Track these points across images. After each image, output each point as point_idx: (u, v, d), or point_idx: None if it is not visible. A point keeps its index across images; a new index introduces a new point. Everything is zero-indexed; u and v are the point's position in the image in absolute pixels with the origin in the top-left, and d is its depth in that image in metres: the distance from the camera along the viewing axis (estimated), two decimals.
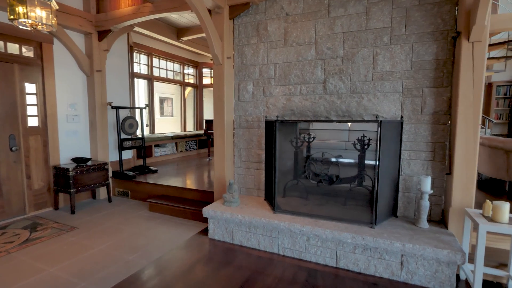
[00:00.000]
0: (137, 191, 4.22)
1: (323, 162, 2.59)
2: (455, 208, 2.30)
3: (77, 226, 3.22)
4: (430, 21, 2.40)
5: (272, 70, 3.07)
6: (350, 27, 2.69)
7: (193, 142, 7.19)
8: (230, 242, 2.82)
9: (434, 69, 2.43)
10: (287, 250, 2.57)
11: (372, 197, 2.37)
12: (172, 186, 3.92)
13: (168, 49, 6.80)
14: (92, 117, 4.18)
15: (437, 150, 2.48)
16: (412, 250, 2.06)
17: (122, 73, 4.80)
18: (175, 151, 6.58)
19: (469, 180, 2.24)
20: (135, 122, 4.68)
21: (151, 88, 6.47)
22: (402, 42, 2.51)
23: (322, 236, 2.35)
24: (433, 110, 2.46)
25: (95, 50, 4.07)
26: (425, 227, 2.37)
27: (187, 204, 3.54)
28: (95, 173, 3.87)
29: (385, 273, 2.21)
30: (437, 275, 2.06)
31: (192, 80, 8.06)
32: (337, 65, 2.77)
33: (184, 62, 7.50)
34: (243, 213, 2.71)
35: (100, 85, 4.17)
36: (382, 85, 2.61)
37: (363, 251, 2.27)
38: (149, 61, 6.39)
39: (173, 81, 7.36)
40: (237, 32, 3.23)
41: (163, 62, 7.00)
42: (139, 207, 3.91)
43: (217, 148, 3.28)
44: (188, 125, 8.23)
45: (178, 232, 3.06)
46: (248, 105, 3.24)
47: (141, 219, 3.44)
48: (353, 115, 2.74)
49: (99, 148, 4.22)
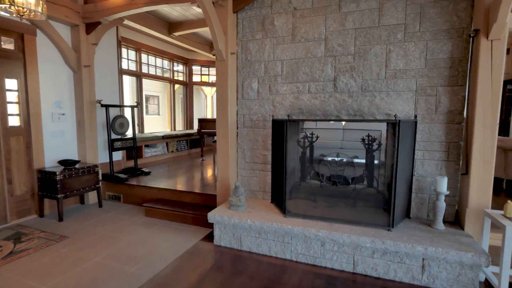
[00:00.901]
0: (130, 195, 3.96)
1: (338, 163, 2.49)
2: (471, 209, 2.26)
3: (67, 235, 2.95)
4: (446, 19, 2.35)
5: (279, 67, 2.94)
6: (362, 23, 2.60)
7: (184, 141, 6.93)
8: (238, 249, 2.67)
9: (449, 67, 2.38)
10: (300, 255, 2.45)
11: (389, 199, 2.29)
12: (168, 189, 3.70)
13: (157, 45, 6.51)
14: (80, 116, 3.87)
15: (451, 150, 2.44)
16: (435, 253, 2.00)
17: (111, 69, 4.50)
18: (166, 151, 6.31)
19: (487, 180, 2.21)
20: (126, 121, 4.40)
21: (139, 86, 6.17)
22: (416, 40, 2.45)
23: (339, 241, 2.25)
24: (448, 109, 2.41)
25: (82, 44, 3.77)
26: (441, 229, 2.32)
27: (186, 208, 3.35)
28: (85, 176, 3.59)
29: (405, 278, 2.15)
30: (460, 278, 2.01)
31: (182, 78, 7.78)
32: (348, 63, 2.68)
33: (173, 58, 7.21)
34: (253, 218, 2.57)
35: (88, 81, 3.87)
36: (395, 83, 2.54)
37: (382, 255, 2.19)
38: (137, 57, 6.08)
39: (163, 78, 7.06)
40: (241, 26, 3.07)
41: (152, 58, 6.69)
42: (133, 212, 3.66)
43: (220, 149, 3.11)
44: (177, 124, 7.96)
45: (180, 239, 2.87)
46: (252, 103, 3.09)
47: (137, 226, 3.21)
48: (365, 114, 2.66)
49: (88, 149, 3.92)
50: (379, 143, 2.79)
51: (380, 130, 3.54)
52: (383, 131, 3.04)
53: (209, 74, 8.34)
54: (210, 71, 8.34)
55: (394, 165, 2.25)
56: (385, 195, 2.66)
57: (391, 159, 2.58)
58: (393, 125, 2.52)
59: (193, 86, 8.05)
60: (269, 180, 3.10)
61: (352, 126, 4.89)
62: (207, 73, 8.33)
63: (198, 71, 8.18)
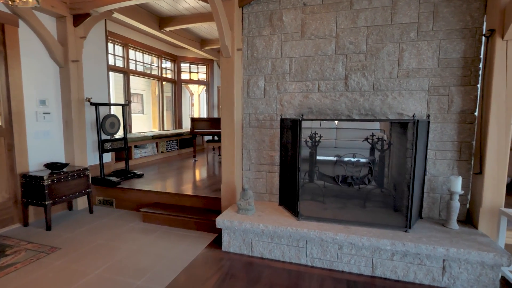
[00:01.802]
0: (123, 199, 3.72)
1: (354, 164, 2.43)
2: (485, 208, 2.28)
3: (58, 246, 2.69)
4: (459, 18, 2.35)
5: (287, 65, 2.84)
6: (374, 21, 2.55)
7: (174, 142, 6.69)
8: (249, 255, 2.55)
9: (462, 67, 2.38)
10: (316, 260, 2.37)
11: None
12: (167, 193, 3.50)
13: (145, 40, 6.21)
14: (67, 115, 3.58)
15: (463, 149, 2.45)
16: (457, 254, 1.98)
17: (100, 65, 4.21)
18: (156, 152, 6.05)
19: (500, 179, 2.23)
20: (117, 120, 4.13)
21: (127, 83, 5.85)
22: (429, 39, 2.44)
23: (358, 244, 2.19)
24: (460, 109, 2.42)
25: (70, 37, 3.48)
26: (456, 228, 2.32)
27: (188, 213, 3.18)
28: (75, 180, 3.31)
29: (425, 280, 2.12)
30: (481, 278, 2.01)
31: (170, 75, 7.50)
32: (360, 61, 2.62)
33: (161, 55, 6.93)
34: (265, 222, 2.45)
35: (76, 77, 3.58)
36: (408, 82, 2.52)
37: (402, 258, 2.15)
38: (124, 52, 5.77)
39: (150, 75, 6.75)
40: (247, 22, 2.93)
41: (139, 54, 6.38)
42: (128, 218, 3.43)
43: (226, 150, 2.96)
44: (164, 123, 7.66)
45: (185, 247, 2.70)
46: (259, 102, 2.97)
47: (135, 233, 3.00)
48: (377, 114, 2.62)
49: (76, 151, 3.63)
50: (389, 143, 2.77)
51: (383, 130, 3.53)
52: (387, 130, 3.02)
53: (198, 72, 8.11)
54: (200, 69, 8.11)
55: (412, 166, 2.22)
56: (395, 195, 2.64)
57: (399, 159, 2.56)
58: (402, 124, 2.50)
59: (182, 84, 7.79)
60: (276, 182, 2.99)
61: (356, 126, 4.89)
62: (196, 70, 8.09)
63: (187, 68, 7.92)
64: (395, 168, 2.71)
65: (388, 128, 2.97)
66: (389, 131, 2.93)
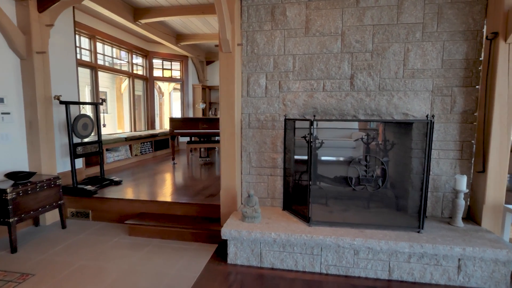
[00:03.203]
0: (102, 210, 3.29)
1: (368, 166, 2.37)
2: (488, 205, 2.36)
3: (31, 272, 2.26)
4: (462, 20, 2.40)
5: (291, 62, 2.70)
6: (380, 19, 2.52)
7: (149, 143, 6.21)
8: (258, 266, 2.37)
9: (464, 68, 2.44)
10: (331, 267, 2.26)
11: (421, 200, 2.25)
12: (155, 201, 3.17)
13: (114, 33, 5.66)
14: (32, 116, 3.06)
15: (464, 148, 2.52)
16: (472, 253, 2.01)
17: (69, 58, 3.69)
18: (129, 155, 5.55)
19: (502, 177, 2.33)
20: (90, 121, 3.66)
21: (95, 80, 5.28)
22: (434, 40, 2.46)
23: (376, 248, 2.13)
24: (463, 109, 2.48)
25: (34, 24, 2.97)
26: (461, 226, 2.38)
27: (182, 223, 2.89)
28: (44, 191, 2.84)
29: (441, 280, 2.12)
30: (494, 275, 2.06)
31: (141, 72, 6.96)
32: (366, 60, 2.57)
33: (132, 49, 6.39)
34: (276, 230, 2.29)
35: (42, 72, 3.08)
36: (413, 83, 2.52)
37: (419, 259, 2.14)
38: (92, 45, 5.19)
39: (121, 71, 6.19)
40: (246, 15, 2.73)
41: (108, 48, 5.81)
42: (111, 231, 3.04)
43: (225, 153, 2.74)
44: (127, 123, 7.12)
45: (185, 262, 2.43)
46: (260, 101, 2.79)
47: (123, 249, 2.65)
48: (382, 114, 2.59)
49: (43, 157, 3.13)
50: (392, 143, 2.76)
51: (377, 129, 3.56)
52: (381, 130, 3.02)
53: (171, 68, 7.64)
54: (173, 66, 7.65)
55: (425, 166, 2.21)
56: (398, 195, 2.64)
57: (402, 159, 2.56)
58: (406, 124, 2.51)
59: (154, 81, 7.28)
60: (279, 186, 2.84)
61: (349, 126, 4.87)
62: (169, 67, 7.62)
63: (159, 65, 7.42)
64: (397, 168, 2.72)
65: (382, 128, 2.98)
66: (382, 131, 2.94)
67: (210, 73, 8.48)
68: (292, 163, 2.82)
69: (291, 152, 2.78)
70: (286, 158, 2.75)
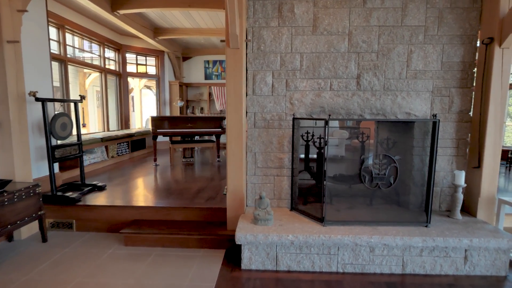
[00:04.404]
0: (88, 219, 2.98)
1: (381, 164, 2.41)
2: (484, 198, 2.55)
3: None
4: (460, 25, 2.55)
5: (298, 61, 2.66)
6: (386, 21, 2.58)
7: (125, 144, 5.80)
8: (274, 270, 2.30)
9: (461, 70, 2.60)
10: (348, 266, 2.28)
11: (428, 195, 2.35)
12: (150, 207, 2.94)
13: (85, 23, 5.17)
14: (2, 114, 2.65)
15: (460, 146, 2.69)
16: (479, 243, 2.15)
17: (42, 50, 3.27)
18: (106, 156, 5.12)
19: (495, 172, 2.52)
20: (69, 121, 3.28)
21: (65, 74, 4.78)
22: (434, 43, 2.58)
23: (392, 244, 2.18)
24: (459, 109, 2.64)
25: (3, 9, 2.57)
26: (460, 219, 2.54)
27: (185, 229, 2.72)
28: (22, 202, 2.48)
29: (449, 270, 2.24)
30: (496, 262, 2.22)
31: (114, 67, 6.46)
32: (372, 60, 2.62)
33: (104, 42, 5.89)
34: (292, 232, 2.24)
35: (14, 64, 2.68)
36: (415, 83, 2.63)
37: (430, 252, 2.23)
38: (60, 36, 4.68)
39: (92, 66, 5.68)
40: (252, 10, 2.63)
41: (77, 40, 5.29)
42: (101, 242, 2.75)
43: (232, 154, 2.62)
44: (92, 123, 6.61)
45: (196, 271, 2.28)
46: (266, 100, 2.72)
47: (122, 261, 2.41)
48: (387, 113, 2.67)
49: (17, 161, 2.74)
50: (394, 141, 2.86)
51: (369, 128, 3.67)
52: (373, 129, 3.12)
53: (146, 64, 7.20)
54: (148, 61, 7.22)
55: (432, 164, 2.31)
56: (401, 191, 2.75)
57: (404, 156, 2.67)
58: (408, 123, 2.61)
59: (128, 77, 6.80)
60: (285, 186, 2.80)
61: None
62: (144, 62, 7.17)
63: (133, 59, 6.95)
64: (399, 165, 2.82)
65: (375, 126, 3.08)
66: (375, 129, 3.04)
67: (186, 70, 8.15)
68: (298, 163, 2.79)
69: (298, 152, 2.75)
70: (294, 157, 2.71)
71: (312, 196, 2.97)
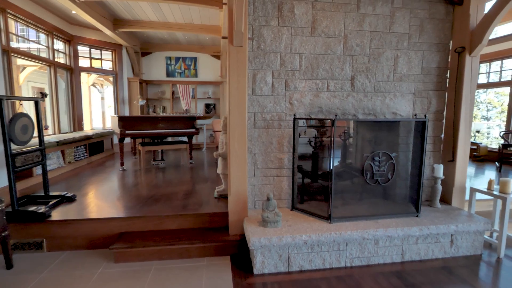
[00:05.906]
0: (62, 236, 2.57)
1: (380, 161, 2.56)
2: (457, 187, 2.90)
3: None
4: (436, 34, 2.85)
5: (297, 61, 2.67)
6: (377, 27, 2.75)
7: (83, 147, 5.16)
8: (286, 272, 2.29)
9: (437, 75, 2.91)
10: (355, 260, 2.38)
11: (418, 189, 2.58)
12: (140, 217, 2.67)
13: (29, 7, 4.45)
14: None
15: (436, 142, 3.01)
16: (463, 228, 2.44)
17: None
18: (62, 163, 4.49)
19: (465, 164, 2.89)
20: (30, 123, 2.78)
21: (8, 67, 4.05)
22: (416, 49, 2.84)
23: (394, 235, 2.35)
24: (436, 109, 2.95)
25: None
26: (439, 207, 2.85)
27: (184, 238, 2.53)
28: None
29: (439, 254, 2.50)
30: (474, 243, 2.55)
31: (63, 60, 5.69)
32: (364, 63, 2.78)
33: (52, 31, 5.16)
34: (304, 232, 2.26)
35: None
36: (401, 86, 2.86)
37: (424, 240, 2.46)
38: (2, 22, 3.95)
39: (40, 58, 4.91)
40: (252, 8, 2.56)
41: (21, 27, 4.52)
42: (84, 262, 2.40)
43: (235, 156, 2.52)
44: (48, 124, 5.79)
45: (208, 283, 2.14)
46: (266, 100, 2.68)
47: (119, 280, 2.14)
48: (377, 113, 2.85)
49: None
50: (380, 139, 3.07)
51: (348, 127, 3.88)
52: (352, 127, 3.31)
53: (101, 58, 6.50)
54: (104, 55, 6.52)
55: (422, 160, 2.55)
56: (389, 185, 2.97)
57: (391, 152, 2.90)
58: (394, 122, 2.85)
59: (81, 72, 6.05)
60: (285, 186, 2.80)
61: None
62: (99, 57, 6.46)
63: (86, 53, 6.21)
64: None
65: (354, 125, 3.29)
66: (354, 128, 3.25)
67: (146, 66, 7.59)
68: (297, 162, 2.81)
69: (297, 152, 2.77)
70: (294, 157, 2.72)
71: (308, 195, 3.03)
